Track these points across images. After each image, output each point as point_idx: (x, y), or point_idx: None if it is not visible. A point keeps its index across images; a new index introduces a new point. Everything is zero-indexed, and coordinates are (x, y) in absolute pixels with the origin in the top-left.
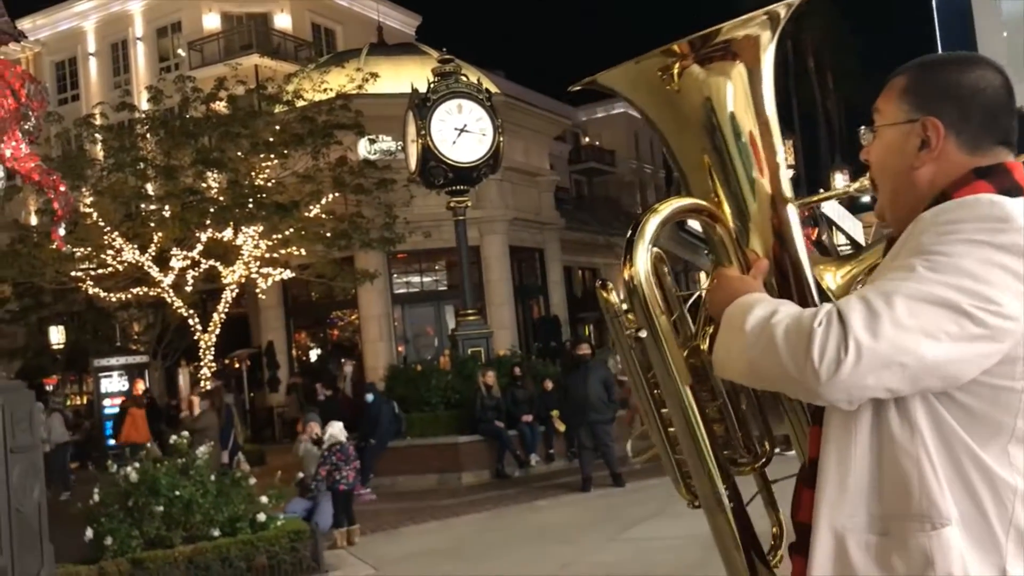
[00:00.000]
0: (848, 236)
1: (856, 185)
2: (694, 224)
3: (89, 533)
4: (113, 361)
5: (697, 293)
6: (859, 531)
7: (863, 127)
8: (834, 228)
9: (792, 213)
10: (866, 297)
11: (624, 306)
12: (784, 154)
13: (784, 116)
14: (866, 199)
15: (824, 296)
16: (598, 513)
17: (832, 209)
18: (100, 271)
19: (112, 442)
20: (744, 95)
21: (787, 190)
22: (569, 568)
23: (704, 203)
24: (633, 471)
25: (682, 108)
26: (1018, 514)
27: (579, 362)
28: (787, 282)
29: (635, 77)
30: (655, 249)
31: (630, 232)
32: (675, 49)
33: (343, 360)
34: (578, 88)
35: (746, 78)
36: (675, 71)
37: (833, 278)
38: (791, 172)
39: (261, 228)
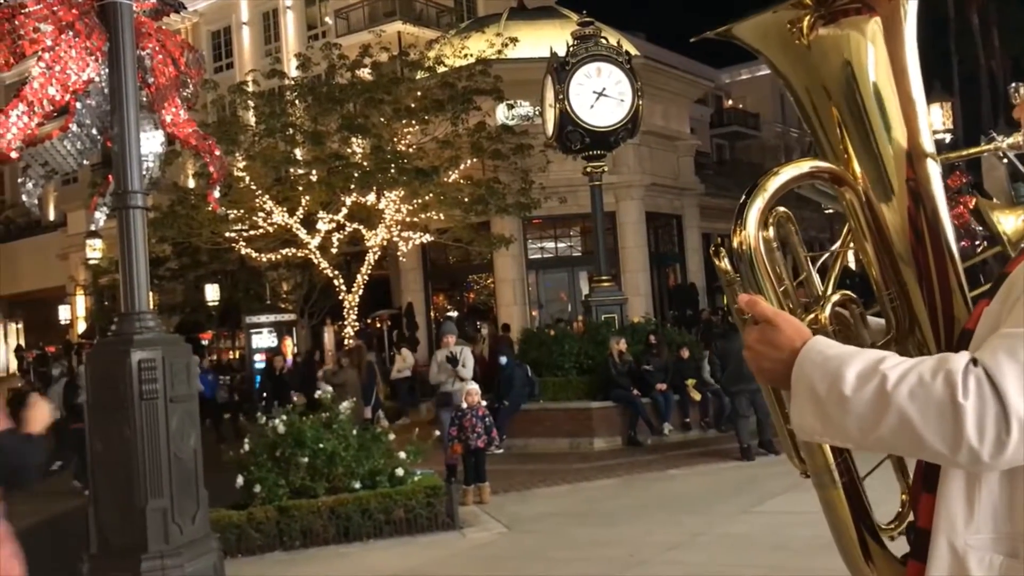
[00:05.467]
0: None
1: (1011, 140)
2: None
3: (240, 480)
4: (263, 318)
5: (828, 253)
6: (984, 549)
7: (1014, 84)
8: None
9: (933, 170)
10: (1016, 355)
11: (736, 275)
12: (926, 107)
13: (944, 78)
14: None
15: (985, 233)
16: (733, 484)
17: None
18: (252, 232)
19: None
20: (880, 44)
21: (927, 145)
22: (699, 538)
23: (828, 165)
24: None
25: (814, 58)
26: None
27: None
28: (922, 244)
29: (769, 28)
30: (781, 209)
31: (744, 196)
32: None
33: (479, 323)
34: (712, 36)
35: (883, 26)
36: (810, 21)
37: (1015, 221)
38: (949, 136)
39: (402, 193)
